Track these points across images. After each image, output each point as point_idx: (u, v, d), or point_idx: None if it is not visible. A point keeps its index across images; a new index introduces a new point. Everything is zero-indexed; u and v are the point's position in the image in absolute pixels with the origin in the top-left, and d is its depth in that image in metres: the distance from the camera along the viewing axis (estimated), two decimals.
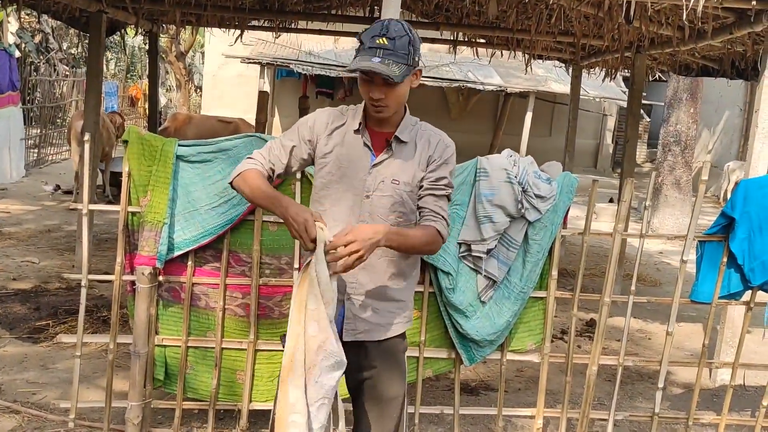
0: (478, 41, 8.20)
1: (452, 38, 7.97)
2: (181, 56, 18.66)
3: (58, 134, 13.56)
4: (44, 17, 13.44)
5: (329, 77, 13.94)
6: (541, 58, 8.62)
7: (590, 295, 3.68)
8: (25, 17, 14.82)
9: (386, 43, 2.13)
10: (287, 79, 15.93)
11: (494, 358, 3.61)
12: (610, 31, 6.00)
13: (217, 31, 8.81)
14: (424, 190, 2.30)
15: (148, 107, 9.96)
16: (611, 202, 12.04)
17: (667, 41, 5.88)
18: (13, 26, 13.92)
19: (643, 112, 20.10)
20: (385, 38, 2.13)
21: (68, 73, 15.74)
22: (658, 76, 11.56)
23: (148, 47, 9.24)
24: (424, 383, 3.64)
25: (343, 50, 14.08)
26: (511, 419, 3.90)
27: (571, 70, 8.74)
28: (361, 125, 2.29)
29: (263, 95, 6.87)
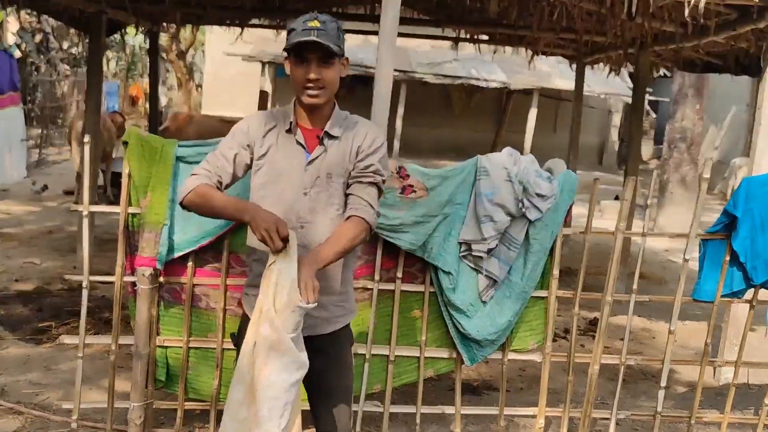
0: (480, 38, 8.18)
1: (454, 35, 7.95)
2: (181, 55, 18.67)
3: (59, 134, 13.59)
4: (44, 17, 13.44)
5: None
6: (544, 54, 8.59)
7: (592, 294, 3.67)
8: (25, 17, 14.83)
9: (318, 25, 2.21)
10: (288, 77, 15.91)
11: (496, 357, 3.60)
12: (612, 27, 5.97)
13: (217, 29, 8.83)
14: (352, 178, 2.34)
15: (148, 107, 9.96)
16: (617, 199, 12.00)
17: (670, 37, 5.86)
18: (13, 26, 13.94)
19: (649, 108, 20.07)
20: (316, 21, 2.22)
21: (69, 73, 15.76)
22: (664, 72, 11.51)
23: (148, 46, 9.24)
24: (425, 383, 3.63)
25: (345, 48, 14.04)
26: (513, 419, 3.89)
27: (574, 66, 8.71)
28: (292, 124, 2.32)
29: (263, 95, 6.86)
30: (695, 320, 6.09)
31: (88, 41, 6.88)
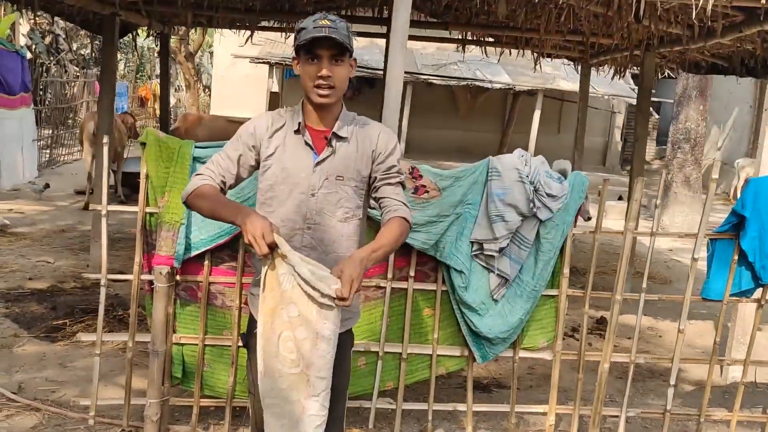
0: (486, 40, 8.23)
1: (461, 37, 8.00)
2: (190, 56, 18.74)
3: (69, 135, 13.66)
4: (55, 19, 13.53)
5: None
6: (550, 56, 8.64)
7: (601, 293, 3.71)
8: (35, 19, 14.93)
9: (329, 23, 2.21)
10: (296, 78, 15.97)
11: (506, 355, 3.65)
12: (619, 29, 6.02)
13: (226, 31, 8.88)
14: (378, 181, 2.36)
15: (159, 108, 10.03)
16: (620, 199, 12.03)
17: (676, 40, 5.89)
18: (24, 28, 14.02)
19: (651, 109, 20.06)
20: (327, 20, 2.22)
21: (78, 74, 15.85)
22: (667, 73, 11.56)
23: (159, 48, 9.31)
24: (436, 380, 3.68)
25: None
26: (523, 416, 3.94)
27: (580, 68, 8.75)
28: (300, 125, 2.32)
29: (275, 96, 6.91)
30: (700, 319, 6.13)
31: (101, 43, 6.94)
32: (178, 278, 3.37)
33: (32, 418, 3.60)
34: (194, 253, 3.32)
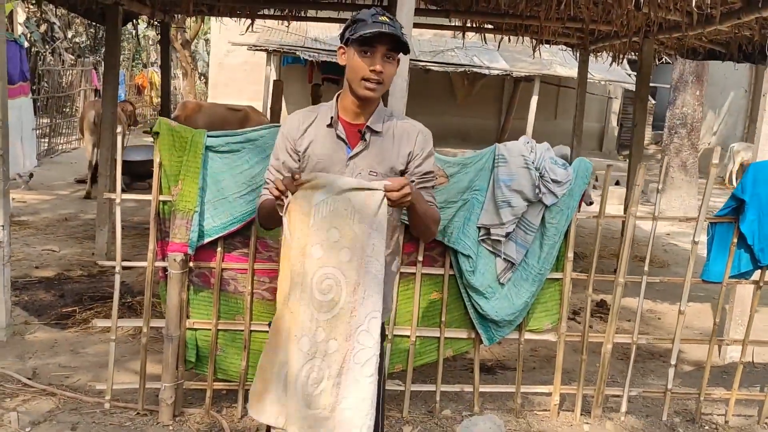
0: (486, 27, 8.26)
1: (461, 24, 8.03)
2: (186, 44, 18.70)
3: (67, 124, 13.66)
4: (50, 7, 13.50)
5: (335, 63, 13.96)
6: (549, 43, 8.68)
7: (605, 276, 3.80)
8: (30, 7, 14.87)
9: (388, 20, 2.20)
10: (293, 66, 15.98)
11: (511, 337, 3.75)
12: (619, 17, 6.07)
13: (225, 19, 8.88)
14: (415, 185, 2.32)
15: (160, 96, 10.05)
16: (617, 184, 12.13)
17: (675, 26, 5.96)
18: (20, 17, 13.97)
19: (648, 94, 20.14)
20: (385, 17, 2.22)
21: (74, 62, 15.81)
22: (664, 59, 11.63)
23: (159, 37, 9.32)
24: (443, 363, 3.77)
25: None
26: (528, 396, 4.03)
27: (578, 55, 8.80)
28: (333, 119, 2.31)
29: (278, 84, 6.95)
30: (698, 302, 6.24)
31: (101, 31, 6.95)
32: (191, 265, 3.44)
33: (48, 402, 3.66)
34: (207, 240, 3.39)
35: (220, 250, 3.45)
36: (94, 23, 14.94)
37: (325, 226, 2.12)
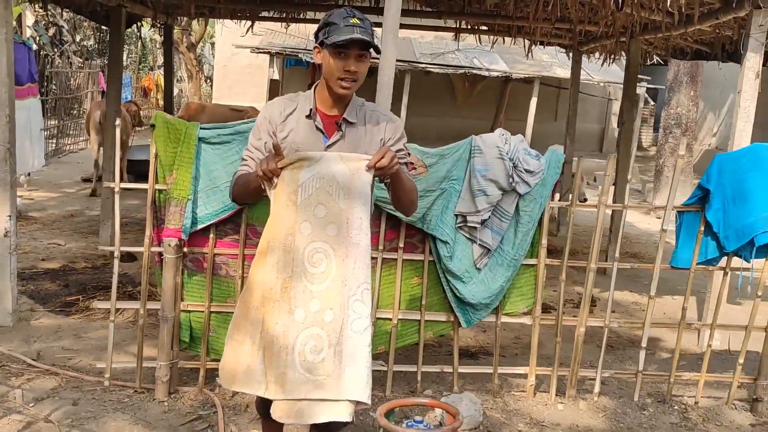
0: (480, 29, 8.46)
1: (455, 26, 8.23)
2: (191, 47, 18.98)
3: (74, 125, 13.92)
4: (58, 11, 13.78)
5: None
6: (542, 44, 8.87)
7: (578, 261, 4.00)
8: (38, 11, 15.17)
9: (359, 22, 2.35)
10: (296, 68, 16.22)
11: (488, 320, 3.94)
12: (604, 17, 6.26)
13: (227, 21, 9.11)
14: None
15: (163, 97, 10.29)
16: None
17: (658, 27, 6.14)
18: (29, 20, 14.26)
19: (648, 96, 20.26)
20: (356, 19, 2.36)
21: (82, 65, 16.11)
22: (660, 60, 11.79)
23: (163, 39, 9.56)
24: (427, 349, 3.96)
25: None
26: (506, 378, 4.22)
27: (571, 55, 8.99)
28: (311, 110, 2.47)
29: (275, 83, 7.16)
30: (683, 294, 6.40)
31: (108, 34, 7.20)
32: (185, 250, 3.64)
33: (52, 381, 3.87)
34: (200, 226, 3.59)
35: (212, 236, 3.66)
36: (101, 27, 15.23)
37: (312, 203, 2.29)
